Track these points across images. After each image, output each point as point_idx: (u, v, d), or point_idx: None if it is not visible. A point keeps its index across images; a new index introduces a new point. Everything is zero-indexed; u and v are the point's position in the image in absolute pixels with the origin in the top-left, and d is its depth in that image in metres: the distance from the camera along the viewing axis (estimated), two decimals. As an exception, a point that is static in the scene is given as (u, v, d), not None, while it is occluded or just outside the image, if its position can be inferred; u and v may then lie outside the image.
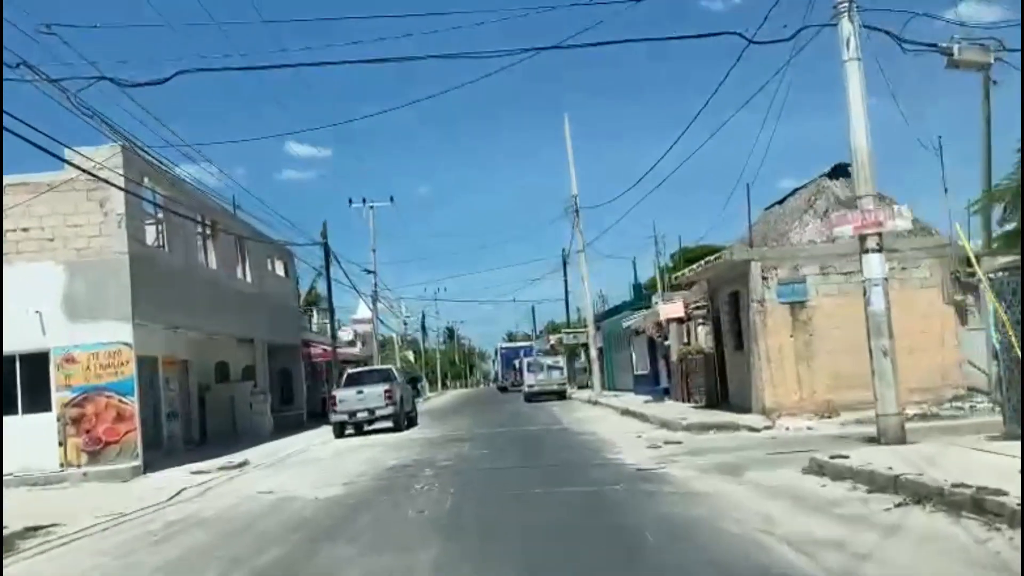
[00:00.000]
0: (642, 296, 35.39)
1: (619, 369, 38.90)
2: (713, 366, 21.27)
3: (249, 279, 25.52)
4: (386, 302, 54.16)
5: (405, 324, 78.99)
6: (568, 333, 49.05)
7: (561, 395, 39.56)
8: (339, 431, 25.02)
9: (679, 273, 20.55)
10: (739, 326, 18.98)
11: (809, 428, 16.05)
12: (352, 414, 24.76)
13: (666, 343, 26.59)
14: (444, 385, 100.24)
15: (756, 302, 17.56)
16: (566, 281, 51.82)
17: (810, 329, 17.55)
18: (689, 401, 24.18)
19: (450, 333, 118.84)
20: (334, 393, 25.10)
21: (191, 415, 24.85)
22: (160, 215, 19.51)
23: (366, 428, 26.00)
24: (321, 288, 52.45)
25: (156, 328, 19.59)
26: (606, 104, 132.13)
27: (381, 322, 59.49)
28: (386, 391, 24.81)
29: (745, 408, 18.45)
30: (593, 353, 34.54)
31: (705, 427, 17.07)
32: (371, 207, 40.69)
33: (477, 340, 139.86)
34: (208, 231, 22.28)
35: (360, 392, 24.90)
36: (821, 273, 17.74)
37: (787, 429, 16.15)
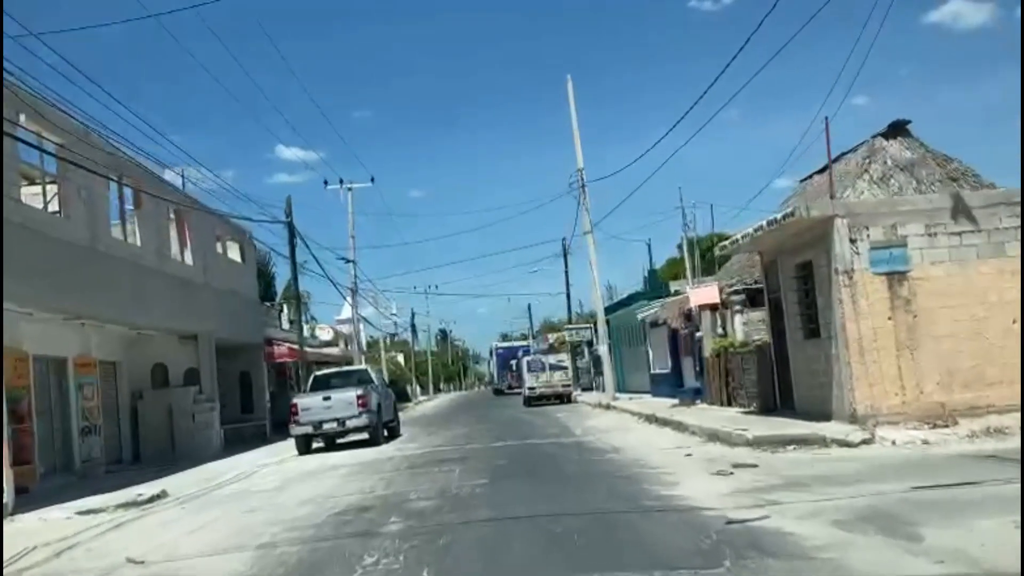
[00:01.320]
0: (659, 284, 30.96)
1: (631, 368, 34.42)
2: (768, 361, 16.80)
3: (190, 262, 20.97)
4: (369, 297, 49.58)
5: (396, 324, 74.43)
6: (571, 329, 44.54)
7: (565, 398, 35.12)
8: (303, 446, 20.57)
9: (726, 243, 16.05)
10: (812, 308, 14.53)
11: (925, 442, 11.67)
12: (318, 425, 20.28)
13: (697, 335, 22.14)
14: (437, 388, 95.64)
15: (843, 273, 13.09)
16: (567, 272, 47.37)
17: (913, 309, 13.11)
18: (731, 405, 19.72)
19: (443, 335, 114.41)
20: (295, 400, 20.60)
21: (119, 430, 20.30)
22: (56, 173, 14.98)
23: (339, 442, 21.58)
24: (302, 284, 48.06)
25: (54, 319, 15.07)
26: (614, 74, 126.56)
27: (366, 321, 55.01)
28: (359, 397, 20.34)
29: (820, 414, 14.02)
30: (603, 349, 30.07)
31: (778, 442, 12.62)
32: (349, 188, 36.28)
33: (470, 342, 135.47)
34: (129, 199, 17.72)
35: (327, 399, 20.43)
36: (927, 234, 13.29)
37: (893, 444, 11.76)
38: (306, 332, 40.04)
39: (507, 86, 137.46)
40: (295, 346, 26.80)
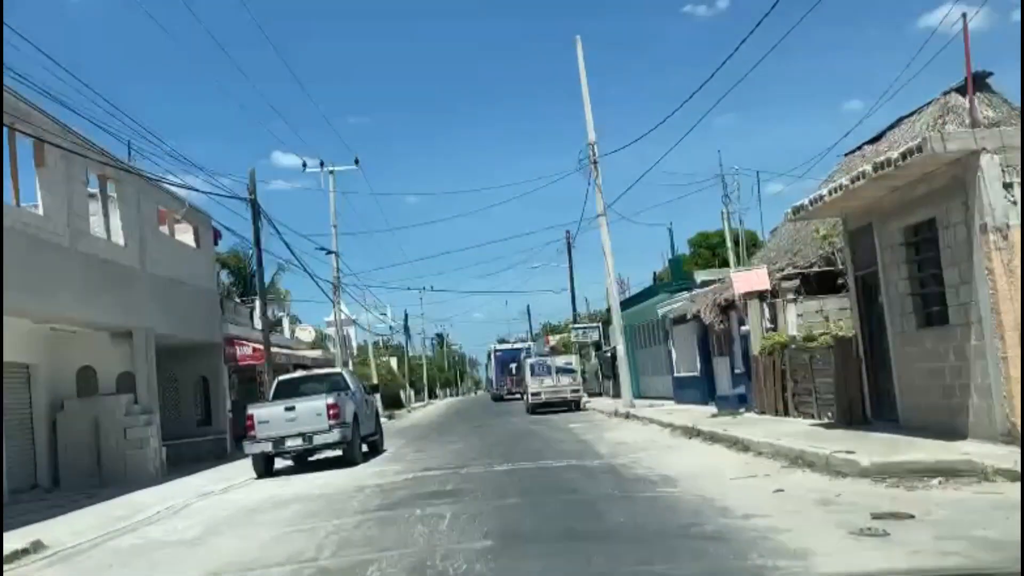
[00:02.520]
0: (683, 274, 27.07)
1: (647, 371, 30.55)
2: (854, 359, 12.92)
3: (122, 241, 17.07)
4: (357, 296, 45.67)
5: (391, 327, 70.39)
6: (577, 329, 40.66)
7: (574, 405, 31.23)
8: (262, 467, 16.77)
9: (810, 200, 12.08)
10: (931, 285, 10.67)
11: None
12: (278, 442, 16.42)
13: (742, 329, 18.27)
14: (432, 394, 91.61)
15: (993, 231, 9.24)
16: (571, 267, 43.47)
17: (1095, 281, 9.25)
18: (789, 414, 15.86)
19: (440, 339, 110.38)
20: (251, 411, 16.70)
21: (34, 448, 16.39)
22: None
23: (312, 459, 17.76)
24: (285, 283, 44.09)
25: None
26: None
27: (356, 324, 51.11)
28: (330, 407, 16.47)
29: (945, 430, 10.18)
30: (620, 349, 26.17)
31: (910, 471, 8.75)
32: (331, 171, 32.33)
33: (467, 347, 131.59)
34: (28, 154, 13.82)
35: (290, 409, 16.56)
36: (1107, 175, 9.43)
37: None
38: (285, 333, 36.16)
39: (506, 89, 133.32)
40: (258, 346, 22.81)
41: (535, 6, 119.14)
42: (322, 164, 31.96)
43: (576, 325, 41.64)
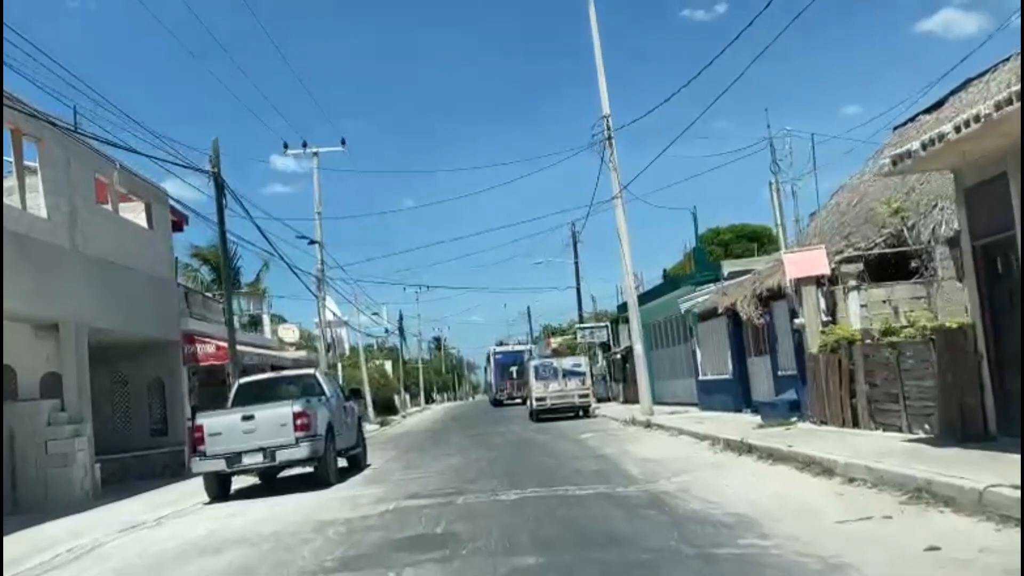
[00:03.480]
0: (708, 264, 23.99)
1: (665, 373, 27.55)
2: (968, 357, 9.91)
3: (44, 212, 14.03)
4: (347, 293, 42.65)
5: (387, 329, 67.26)
6: (583, 329, 37.64)
7: (582, 411, 28.24)
8: (215, 489, 13.87)
9: (922, 144, 9.03)
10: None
11: None
12: (233, 459, 13.43)
13: (795, 323, 15.24)
14: (429, 399, 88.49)
15: None
16: (577, 263, 40.44)
17: None
18: (868, 426, 12.85)
19: (437, 342, 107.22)
20: (200, 421, 13.67)
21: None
22: None
23: (282, 475, 14.84)
24: (268, 282, 41.03)
25: None
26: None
27: (346, 324, 48.08)
28: (297, 416, 13.48)
29: None
30: (639, 349, 23.15)
31: None
32: (314, 153, 29.30)
33: (464, 351, 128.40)
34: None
35: (249, 418, 13.55)
36: None
37: None
38: (266, 332, 33.15)
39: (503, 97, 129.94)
40: (222, 343, 19.69)
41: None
42: (305, 145, 28.97)
43: (582, 325, 38.60)
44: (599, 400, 34.28)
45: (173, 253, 19.79)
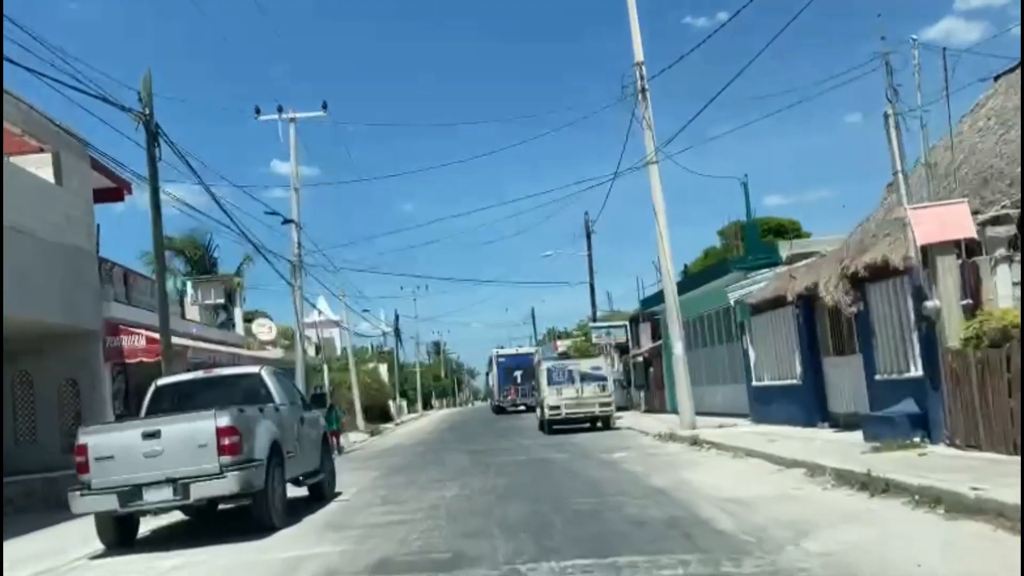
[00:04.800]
0: (762, 246, 19.70)
1: (700, 378, 23.18)
2: None
3: None
4: (331, 286, 38.44)
5: (384, 331, 63.02)
6: (598, 328, 33.42)
7: (603, 422, 24.06)
8: (111, 534, 9.90)
9: None
10: None
11: None
12: (130, 494, 9.26)
13: (926, 307, 10.98)
14: (428, 404, 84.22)
15: None
16: (590, 256, 36.18)
17: None
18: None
19: (436, 348, 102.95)
20: (82, 439, 9.48)
21: None
22: None
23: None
24: (256, 279, 36.79)
25: None
26: None
27: (338, 324, 43.92)
28: (222, 433, 9.35)
29: None
30: (679, 348, 18.93)
31: None
32: (292, 120, 25.10)
33: (463, 357, 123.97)
34: None
35: (152, 436, 9.40)
36: None
37: None
38: (238, 329, 28.97)
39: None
40: (155, 334, 15.38)
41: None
42: (280, 110, 24.84)
43: (597, 324, 34.35)
44: (617, 409, 30.05)
45: (95, 220, 15.56)
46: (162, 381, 11.54)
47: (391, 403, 56.75)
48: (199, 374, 11.94)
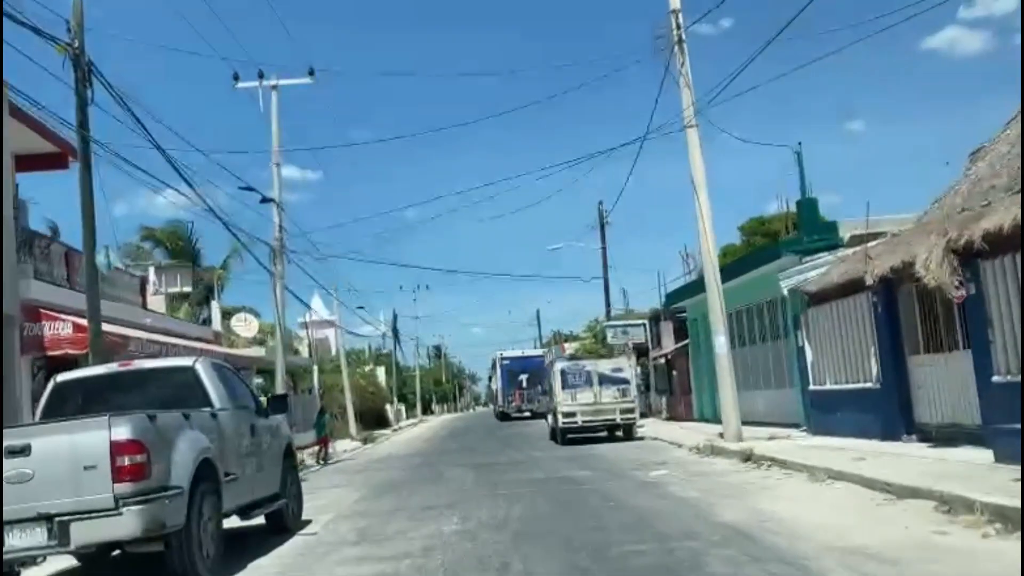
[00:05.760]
0: (821, 224, 16.72)
1: (737, 382, 20.22)
2: None
3: None
4: (319, 277, 35.61)
5: (384, 333, 60.10)
6: (614, 327, 30.48)
7: (622, 431, 21.17)
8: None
9: None
10: None
11: None
12: (-20, 539, 6.26)
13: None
14: (428, 409, 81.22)
15: None
16: (604, 250, 33.24)
17: None
18: None
19: (437, 351, 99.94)
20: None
21: None
22: None
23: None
24: (248, 277, 33.88)
25: None
26: None
27: (332, 324, 41.17)
28: (119, 449, 6.38)
29: None
30: (722, 343, 16.04)
31: None
32: (273, 87, 22.17)
33: (465, 362, 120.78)
34: None
35: (18, 453, 6.46)
36: None
37: None
38: (215, 324, 26.10)
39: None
40: (81, 321, 12.38)
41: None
42: (261, 76, 21.97)
43: (612, 323, 31.37)
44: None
45: (15, 182, 12.66)
46: (63, 377, 8.60)
47: (388, 407, 53.81)
48: (113, 367, 9.00)
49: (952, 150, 47.94)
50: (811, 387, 15.86)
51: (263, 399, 9.90)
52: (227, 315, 28.66)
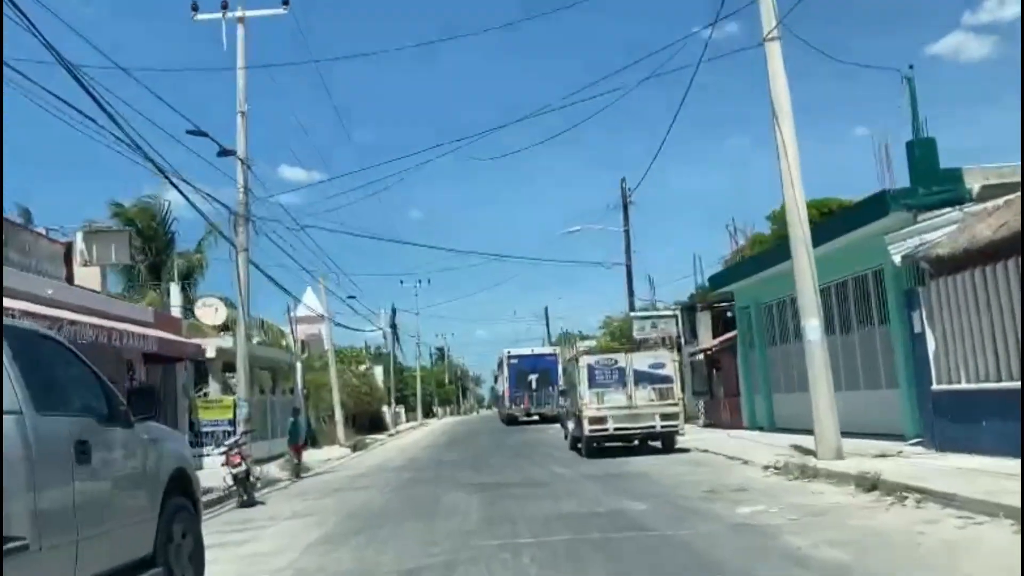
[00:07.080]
0: (940, 174, 12.78)
1: (796, 383, 16.11)
2: None
3: None
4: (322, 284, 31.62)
5: (384, 333, 56.10)
6: (642, 318, 26.41)
7: (662, 441, 17.19)
8: None
9: None
10: None
11: None
12: None
13: None
14: (429, 412, 77.13)
15: None
16: (627, 232, 29.14)
17: None
18: None
19: (440, 353, 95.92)
20: None
21: None
22: None
23: None
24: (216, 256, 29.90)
25: None
26: None
27: (324, 317, 37.12)
28: None
29: None
30: (814, 332, 12.02)
31: None
32: (239, 19, 18.10)
33: (469, 364, 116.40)
34: None
35: None
36: None
37: None
38: (176, 310, 22.16)
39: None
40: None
41: None
42: (225, 6, 17.98)
43: (639, 314, 27.27)
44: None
45: None
46: None
47: (385, 410, 49.79)
48: None
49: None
50: (934, 387, 11.76)
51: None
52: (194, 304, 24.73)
